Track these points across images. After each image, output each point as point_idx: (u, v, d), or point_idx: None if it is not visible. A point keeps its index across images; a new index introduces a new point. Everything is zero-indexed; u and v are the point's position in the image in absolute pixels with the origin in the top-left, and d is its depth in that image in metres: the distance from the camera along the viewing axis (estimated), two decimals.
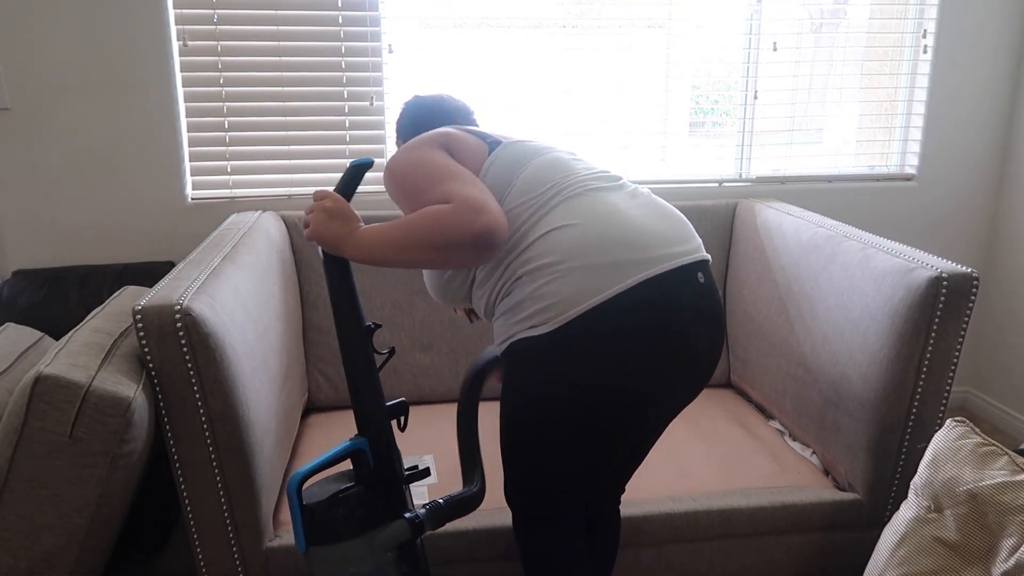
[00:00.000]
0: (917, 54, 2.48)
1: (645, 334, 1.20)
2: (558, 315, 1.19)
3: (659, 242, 1.24)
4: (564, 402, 1.22)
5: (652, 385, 1.23)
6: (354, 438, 1.29)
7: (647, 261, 1.21)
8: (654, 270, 1.21)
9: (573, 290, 1.19)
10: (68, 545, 1.24)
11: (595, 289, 1.19)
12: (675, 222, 1.31)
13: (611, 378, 1.20)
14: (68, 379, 1.21)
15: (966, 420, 1.33)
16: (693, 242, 1.30)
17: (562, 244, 1.22)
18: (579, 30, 2.30)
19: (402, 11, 2.21)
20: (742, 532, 1.63)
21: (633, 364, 1.20)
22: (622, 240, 1.22)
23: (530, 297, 1.22)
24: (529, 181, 1.29)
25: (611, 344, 1.19)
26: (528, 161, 1.33)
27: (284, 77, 2.18)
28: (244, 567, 1.50)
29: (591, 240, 1.21)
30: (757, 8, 2.36)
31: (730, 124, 2.46)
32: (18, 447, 1.20)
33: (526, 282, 1.24)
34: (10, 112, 2.08)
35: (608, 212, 1.26)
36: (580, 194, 1.28)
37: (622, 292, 1.19)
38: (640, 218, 1.27)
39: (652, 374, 1.22)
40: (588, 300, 1.18)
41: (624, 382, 1.21)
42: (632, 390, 1.22)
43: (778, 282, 1.96)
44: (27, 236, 2.17)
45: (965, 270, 1.50)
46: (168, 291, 1.36)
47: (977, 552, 1.23)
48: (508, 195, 1.29)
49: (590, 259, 1.20)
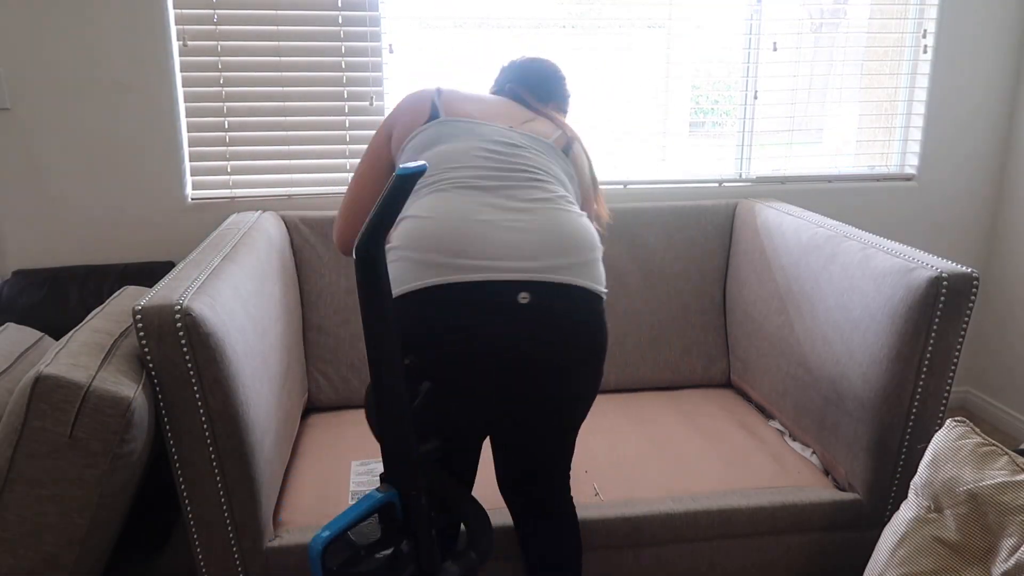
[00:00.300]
0: (917, 54, 2.48)
1: (423, 334, 1.23)
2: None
3: (484, 253, 1.23)
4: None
5: (444, 383, 1.25)
6: (382, 488, 1.15)
7: (454, 267, 1.22)
8: (454, 278, 1.22)
9: (395, 276, 1.26)
10: (68, 545, 1.24)
11: (403, 280, 1.25)
12: (546, 239, 1.26)
13: (412, 363, 1.26)
14: (68, 379, 1.21)
15: (966, 420, 1.33)
16: (546, 261, 1.24)
17: (405, 233, 1.28)
18: (579, 30, 2.30)
19: (402, 11, 2.21)
20: (742, 532, 1.63)
21: (421, 357, 1.24)
22: (444, 243, 1.24)
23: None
24: (429, 164, 1.36)
25: (405, 335, 1.24)
26: (440, 144, 1.38)
27: (284, 77, 2.18)
28: (244, 567, 1.50)
29: (424, 236, 1.26)
30: (757, 8, 2.36)
31: (730, 124, 2.46)
32: (18, 447, 1.20)
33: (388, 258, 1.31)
34: (10, 112, 2.08)
35: (455, 214, 1.27)
36: (447, 190, 1.31)
37: (416, 290, 1.23)
38: (487, 225, 1.25)
39: (438, 372, 1.24)
40: (397, 289, 1.25)
41: (423, 369, 1.25)
42: (433, 377, 1.25)
43: (778, 282, 1.96)
44: (27, 236, 2.17)
45: (965, 270, 1.50)
46: (168, 291, 1.36)
47: (977, 552, 1.23)
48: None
49: (414, 253, 1.25)
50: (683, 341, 2.21)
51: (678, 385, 2.23)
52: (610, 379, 2.18)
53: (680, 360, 2.21)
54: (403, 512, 1.14)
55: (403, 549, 1.13)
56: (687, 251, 2.21)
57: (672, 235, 2.20)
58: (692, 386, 2.24)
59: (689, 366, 2.22)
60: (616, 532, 1.58)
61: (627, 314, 2.18)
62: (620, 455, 1.80)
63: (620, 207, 2.18)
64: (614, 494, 1.65)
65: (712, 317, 2.23)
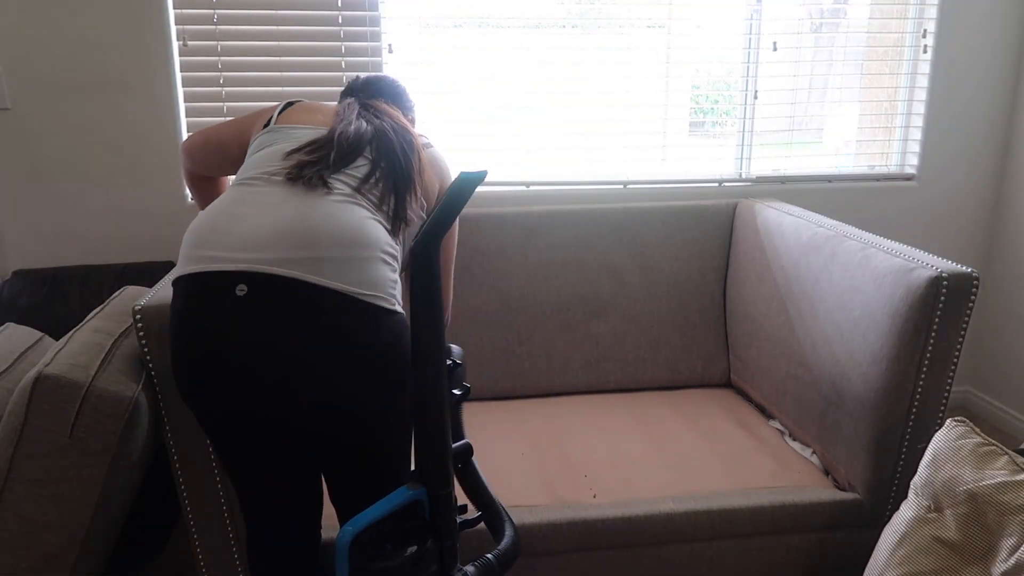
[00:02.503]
0: (917, 54, 2.48)
1: (174, 328, 1.20)
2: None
3: (218, 244, 1.18)
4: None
5: (186, 391, 1.20)
6: (412, 485, 1.14)
7: (193, 259, 1.19)
8: (187, 269, 1.19)
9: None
10: (68, 545, 1.24)
11: (172, 274, 1.24)
12: (285, 230, 1.17)
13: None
14: (68, 379, 1.21)
15: (966, 420, 1.33)
16: (278, 253, 1.15)
17: (189, 228, 1.26)
18: (579, 30, 2.30)
19: (402, 11, 2.21)
20: (742, 532, 1.63)
21: (174, 351, 1.20)
22: (193, 237, 1.22)
23: None
24: (244, 170, 1.34)
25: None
26: (260, 151, 1.35)
27: (284, 77, 2.18)
28: (244, 567, 1.50)
29: (188, 232, 1.24)
30: (757, 8, 2.36)
31: (730, 124, 2.46)
32: (18, 447, 1.20)
33: None
34: (10, 112, 2.08)
35: (217, 208, 1.24)
36: (233, 187, 1.30)
37: (174, 281, 1.21)
38: (235, 218, 1.20)
39: (180, 372, 1.20)
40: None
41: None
42: (180, 378, 1.20)
43: (778, 282, 1.96)
44: (27, 236, 2.17)
45: (965, 270, 1.50)
46: (168, 291, 1.36)
47: (977, 552, 1.23)
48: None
49: (182, 247, 1.24)
50: (683, 341, 2.21)
51: (678, 385, 2.23)
52: (610, 379, 2.18)
53: (680, 360, 2.21)
54: (430, 511, 1.14)
55: (428, 547, 1.12)
56: (687, 251, 2.21)
57: (672, 235, 2.20)
58: (692, 386, 2.24)
59: (689, 366, 2.22)
60: (616, 532, 1.58)
61: (627, 314, 2.18)
62: (620, 455, 1.80)
63: (620, 207, 2.18)
64: (614, 494, 1.65)
65: (712, 317, 2.23)
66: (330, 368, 1.14)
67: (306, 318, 1.13)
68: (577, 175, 2.39)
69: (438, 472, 1.12)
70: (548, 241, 2.14)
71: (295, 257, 1.14)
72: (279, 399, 1.15)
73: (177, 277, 1.20)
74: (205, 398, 1.19)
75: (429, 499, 1.13)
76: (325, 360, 1.14)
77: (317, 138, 1.33)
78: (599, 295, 2.17)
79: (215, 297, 1.14)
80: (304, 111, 1.42)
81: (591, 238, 2.16)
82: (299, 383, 1.14)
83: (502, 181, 2.33)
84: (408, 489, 1.12)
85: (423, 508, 1.13)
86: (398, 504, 1.10)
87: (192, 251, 1.20)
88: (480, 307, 2.11)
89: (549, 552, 1.58)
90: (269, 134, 1.38)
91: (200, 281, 1.16)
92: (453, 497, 1.16)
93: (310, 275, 1.13)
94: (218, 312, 1.14)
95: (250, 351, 1.13)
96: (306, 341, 1.13)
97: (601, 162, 2.40)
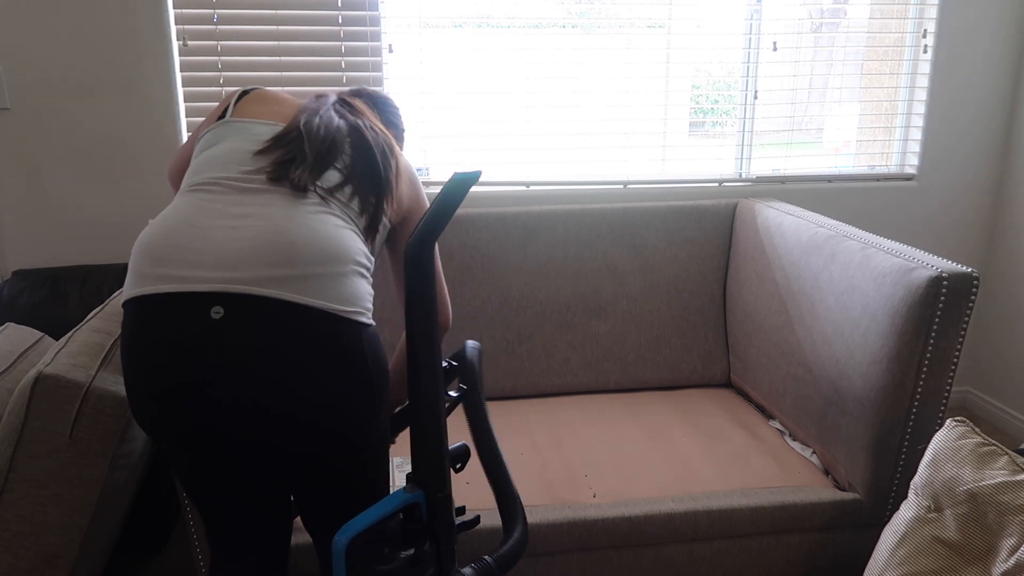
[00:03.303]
0: (917, 54, 2.48)
1: (132, 354, 1.09)
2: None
3: (185, 261, 1.07)
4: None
5: (153, 422, 1.10)
6: (409, 488, 1.12)
7: (153, 278, 1.07)
8: (149, 289, 1.07)
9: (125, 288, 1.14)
10: (68, 545, 1.24)
11: (125, 292, 1.12)
12: (260, 246, 1.08)
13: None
14: (68, 379, 1.21)
15: (966, 420, 1.33)
16: (253, 272, 1.06)
17: (139, 239, 1.15)
18: (579, 30, 2.30)
19: (402, 11, 2.21)
20: (742, 532, 1.63)
21: (130, 376, 1.10)
22: (151, 251, 1.10)
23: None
24: (195, 169, 1.23)
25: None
26: (213, 146, 1.24)
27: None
28: None
29: (140, 244, 1.13)
30: (757, 8, 2.36)
31: (730, 124, 2.46)
32: (18, 447, 1.20)
33: None
34: (10, 112, 2.08)
35: (174, 218, 1.13)
36: (188, 193, 1.18)
37: (125, 303, 1.10)
38: (198, 230, 1.10)
39: (142, 404, 1.10)
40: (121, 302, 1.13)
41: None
42: (138, 403, 1.11)
43: (778, 282, 1.96)
44: (27, 236, 2.17)
45: (965, 270, 1.50)
46: None
47: (977, 552, 1.23)
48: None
49: (132, 262, 1.13)
50: (683, 341, 2.21)
51: (678, 385, 2.23)
52: (610, 379, 2.18)
53: (680, 360, 2.21)
54: (428, 513, 1.13)
55: (425, 550, 1.12)
56: (687, 251, 2.21)
57: (672, 235, 2.20)
58: (692, 386, 2.24)
59: (689, 366, 2.22)
60: (616, 532, 1.58)
61: (627, 314, 2.18)
62: (620, 455, 1.80)
63: (620, 207, 2.18)
64: (614, 494, 1.65)
65: (712, 317, 2.23)
66: (318, 387, 1.09)
67: (288, 338, 1.06)
68: (577, 175, 2.39)
69: (435, 474, 1.11)
70: (548, 241, 2.14)
71: (273, 276, 1.07)
72: (265, 423, 1.09)
73: (131, 298, 1.08)
74: (177, 428, 1.09)
75: (426, 501, 1.12)
76: (312, 380, 1.08)
77: (281, 134, 1.22)
78: (599, 295, 2.17)
79: (186, 321, 1.04)
80: (260, 101, 1.30)
81: (591, 238, 2.16)
82: (287, 405, 1.08)
83: (502, 181, 2.33)
84: (405, 492, 1.11)
85: (420, 511, 1.12)
86: (395, 507, 1.09)
87: (148, 268, 1.08)
88: (480, 307, 2.11)
89: (549, 552, 1.58)
90: (222, 127, 1.26)
91: (164, 303, 1.05)
92: (451, 499, 1.15)
93: (290, 294, 1.06)
94: (191, 337, 1.04)
95: (231, 377, 1.05)
96: (289, 362, 1.06)
97: (601, 162, 2.40)
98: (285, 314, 1.06)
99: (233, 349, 1.04)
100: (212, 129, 1.27)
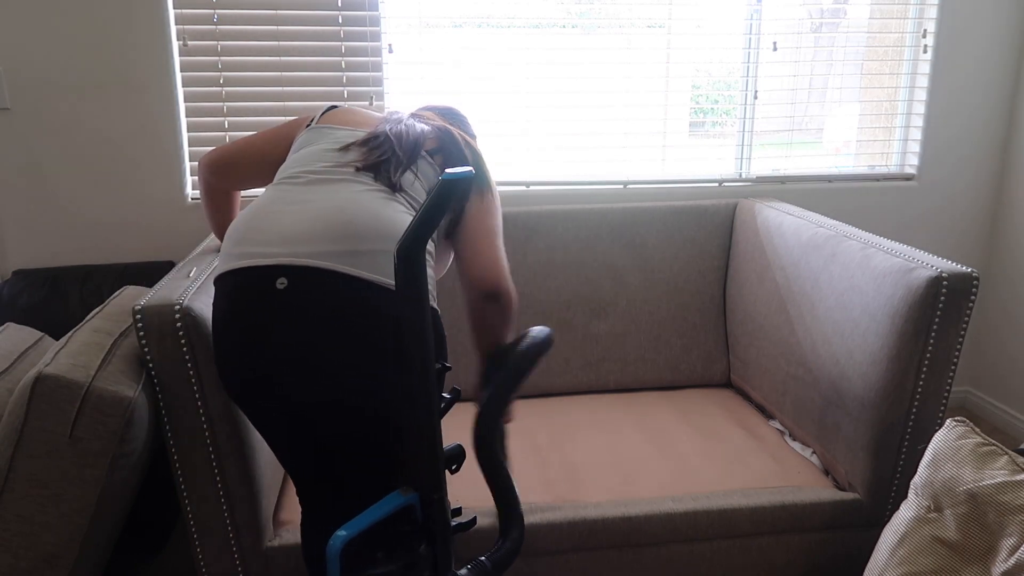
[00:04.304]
0: (917, 54, 2.48)
1: (215, 325, 1.22)
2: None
3: (257, 239, 1.20)
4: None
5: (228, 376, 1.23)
6: (403, 490, 1.13)
7: (233, 256, 1.21)
8: (228, 266, 1.21)
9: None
10: (68, 545, 1.24)
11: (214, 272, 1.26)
12: (318, 223, 1.18)
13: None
14: (68, 379, 1.21)
15: (966, 420, 1.33)
16: (315, 247, 1.16)
17: (229, 227, 1.29)
18: (579, 30, 2.30)
19: (402, 11, 2.21)
20: (742, 532, 1.63)
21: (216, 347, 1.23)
22: (234, 234, 1.24)
23: None
24: (283, 166, 1.37)
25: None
26: (301, 149, 1.36)
27: (284, 77, 2.18)
28: (244, 567, 1.50)
29: (229, 229, 1.27)
30: (757, 8, 2.36)
31: (730, 124, 2.46)
32: (18, 447, 1.20)
33: None
34: (10, 112, 2.08)
35: (257, 205, 1.27)
36: (273, 185, 1.31)
37: (215, 280, 1.24)
38: (273, 213, 1.23)
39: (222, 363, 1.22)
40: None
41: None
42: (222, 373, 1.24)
43: (778, 282, 1.96)
44: (27, 236, 2.17)
45: (965, 270, 1.50)
46: (168, 291, 1.36)
47: (977, 552, 1.23)
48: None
49: (222, 247, 1.27)
50: (683, 341, 2.21)
51: (678, 385, 2.23)
52: (610, 379, 2.18)
53: (680, 360, 2.21)
54: (423, 515, 1.13)
55: (421, 552, 1.12)
56: (687, 251, 2.21)
57: (672, 235, 2.20)
58: (692, 386, 2.24)
59: (689, 366, 2.22)
60: (616, 532, 1.58)
61: (627, 314, 2.18)
62: (620, 455, 1.80)
63: (620, 207, 2.18)
64: (614, 494, 1.65)
65: (712, 317, 2.23)
66: (352, 364, 1.16)
67: (345, 308, 1.14)
68: (577, 175, 2.39)
69: (430, 476, 1.11)
70: (548, 241, 2.14)
71: (333, 250, 1.16)
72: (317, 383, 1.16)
73: (218, 275, 1.23)
74: (253, 394, 1.20)
75: (421, 503, 1.12)
76: (351, 354, 1.15)
77: (369, 136, 1.33)
78: (599, 295, 2.17)
79: (257, 292, 1.16)
80: (344, 112, 1.44)
81: (591, 238, 2.16)
82: (324, 375, 1.16)
83: (502, 181, 2.33)
84: (400, 495, 1.11)
85: (415, 512, 1.12)
86: (389, 510, 1.09)
87: (232, 248, 1.22)
88: None
89: (549, 552, 1.58)
90: (311, 133, 1.39)
91: (241, 276, 1.18)
92: (446, 501, 1.15)
93: (348, 267, 1.15)
94: (260, 306, 1.16)
95: (285, 342, 1.14)
96: (331, 334, 1.14)
97: (601, 162, 2.40)
98: (343, 285, 1.14)
99: (295, 316, 1.14)
100: (303, 134, 1.40)
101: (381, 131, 1.34)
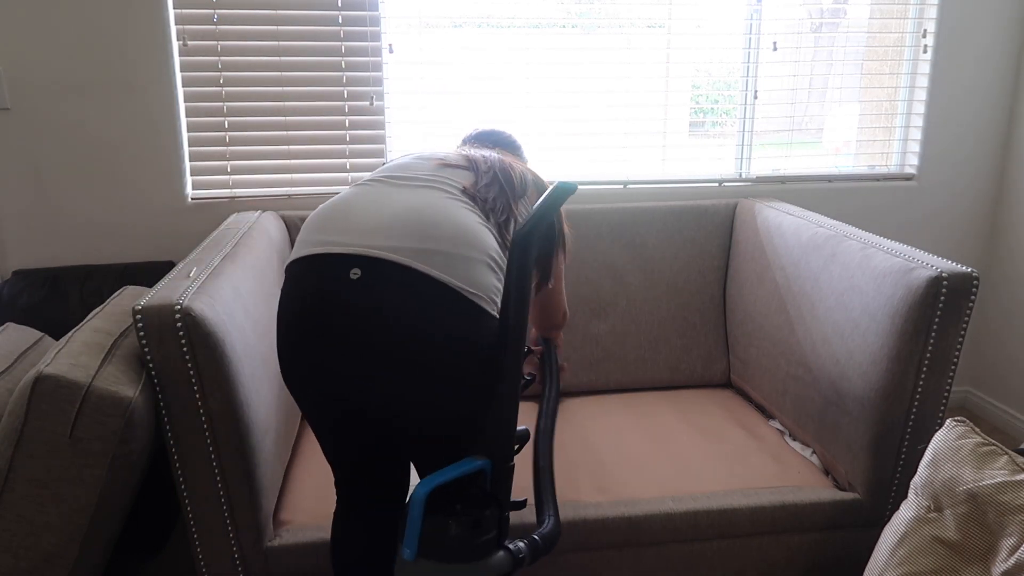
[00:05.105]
0: (917, 54, 2.48)
1: (282, 309, 1.24)
2: None
3: (336, 229, 1.23)
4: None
5: (287, 362, 1.25)
6: (478, 456, 1.21)
7: (311, 243, 1.23)
8: (305, 252, 1.23)
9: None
10: (68, 545, 1.24)
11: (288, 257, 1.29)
12: (399, 220, 1.21)
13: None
14: (68, 379, 1.21)
15: (966, 420, 1.33)
16: (393, 242, 1.18)
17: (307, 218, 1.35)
18: (579, 30, 2.30)
19: (402, 11, 2.21)
20: (742, 532, 1.63)
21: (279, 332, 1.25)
22: (314, 223, 1.27)
23: None
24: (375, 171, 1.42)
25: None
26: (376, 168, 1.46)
27: (284, 77, 2.18)
28: (244, 567, 1.50)
29: (309, 220, 1.30)
30: (757, 8, 2.36)
31: (730, 124, 2.46)
32: (18, 447, 1.20)
33: None
34: (10, 112, 2.08)
35: (339, 198, 1.31)
36: (359, 184, 1.36)
37: (287, 265, 1.26)
38: (355, 207, 1.26)
39: (283, 348, 1.24)
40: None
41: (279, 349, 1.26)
42: (281, 358, 1.26)
43: (778, 282, 1.96)
44: (27, 236, 2.17)
45: (965, 270, 1.50)
46: (168, 291, 1.36)
47: (977, 552, 1.23)
48: None
49: (299, 235, 1.29)
50: (683, 341, 2.21)
51: (678, 385, 2.23)
52: (610, 379, 2.18)
53: (680, 360, 2.21)
54: (492, 481, 1.20)
55: (486, 514, 1.19)
56: (687, 251, 2.21)
57: (672, 235, 2.20)
58: (692, 386, 2.24)
59: (689, 366, 2.22)
60: (616, 532, 1.58)
61: (627, 314, 2.18)
62: (620, 455, 1.80)
63: (620, 207, 2.18)
64: (614, 494, 1.65)
65: (712, 317, 2.23)
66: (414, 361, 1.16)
67: (403, 305, 1.14)
68: (577, 175, 2.39)
69: (504, 447, 1.20)
70: None
71: (407, 246, 1.17)
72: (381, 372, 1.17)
73: (290, 262, 1.24)
74: (311, 381, 1.22)
75: (492, 470, 1.20)
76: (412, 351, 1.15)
77: (458, 158, 1.40)
78: (599, 295, 2.17)
79: (329, 278, 1.17)
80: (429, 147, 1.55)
81: (591, 238, 2.16)
82: (383, 371, 1.16)
83: None
84: (475, 459, 1.18)
85: (485, 478, 1.19)
86: (467, 470, 1.17)
87: (306, 236, 1.25)
88: None
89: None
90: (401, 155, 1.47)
91: (314, 262, 1.20)
92: (512, 471, 1.24)
93: (421, 264, 1.16)
94: (330, 292, 1.16)
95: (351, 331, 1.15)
96: (396, 329, 1.14)
97: (601, 162, 2.40)
98: (416, 281, 1.15)
99: (365, 306, 1.14)
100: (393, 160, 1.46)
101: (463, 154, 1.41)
